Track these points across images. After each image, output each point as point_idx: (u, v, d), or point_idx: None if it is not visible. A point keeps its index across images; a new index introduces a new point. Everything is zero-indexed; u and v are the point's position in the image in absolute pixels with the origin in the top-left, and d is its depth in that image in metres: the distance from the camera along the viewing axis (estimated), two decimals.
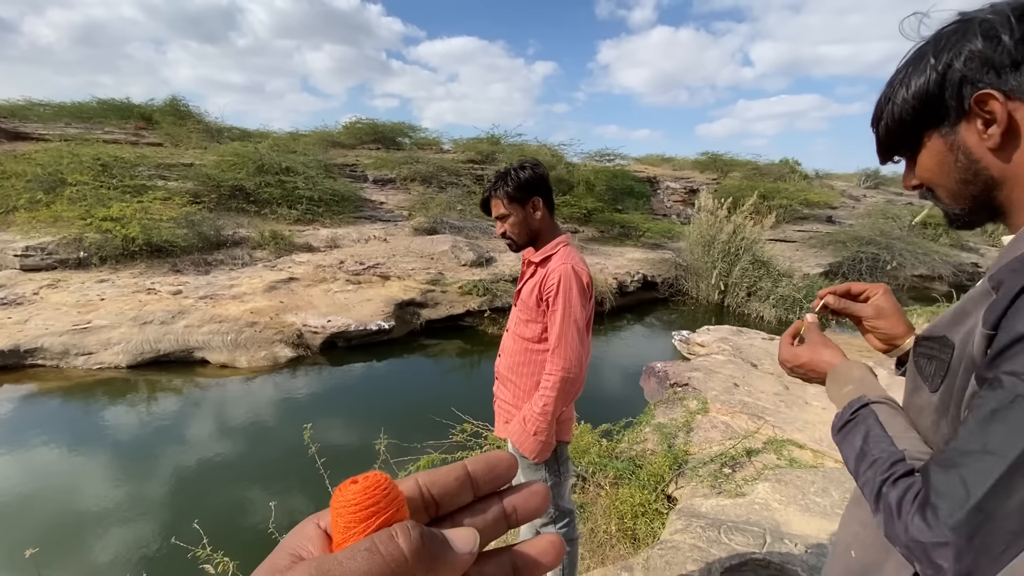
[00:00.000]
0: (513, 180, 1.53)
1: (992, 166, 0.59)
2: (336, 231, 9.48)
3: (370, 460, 3.56)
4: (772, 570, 1.67)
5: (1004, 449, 0.47)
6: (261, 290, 6.51)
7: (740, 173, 17.86)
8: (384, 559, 0.19)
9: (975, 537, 0.48)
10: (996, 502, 0.47)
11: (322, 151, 13.31)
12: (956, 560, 0.48)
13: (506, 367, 1.66)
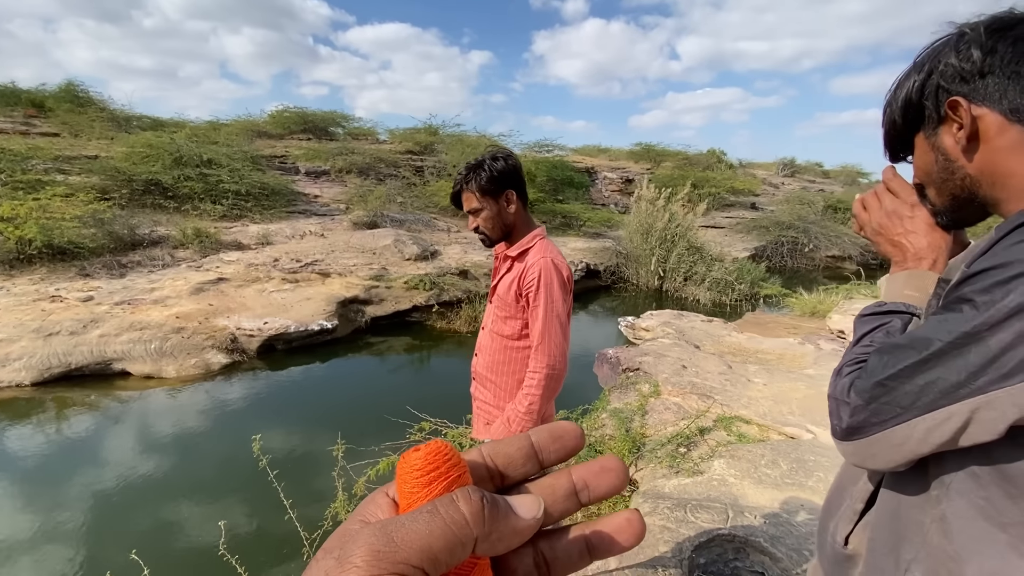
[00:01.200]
0: (486, 172, 1.47)
1: (966, 165, 0.65)
2: (268, 227, 8.95)
3: (324, 467, 3.39)
4: (737, 543, 1.75)
5: (922, 347, 0.56)
6: (187, 293, 6.02)
7: (672, 163, 18.62)
8: (445, 521, 0.19)
9: (872, 403, 0.59)
10: (898, 382, 0.57)
11: (247, 142, 12.48)
12: (850, 416, 0.61)
13: (485, 366, 1.61)
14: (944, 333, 0.54)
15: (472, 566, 0.21)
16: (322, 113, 15.38)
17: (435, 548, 0.18)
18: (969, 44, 0.62)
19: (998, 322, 0.51)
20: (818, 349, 4.62)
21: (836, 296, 7.14)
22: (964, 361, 0.52)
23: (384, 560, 0.18)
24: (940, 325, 0.56)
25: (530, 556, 0.24)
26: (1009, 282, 0.51)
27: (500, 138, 16.00)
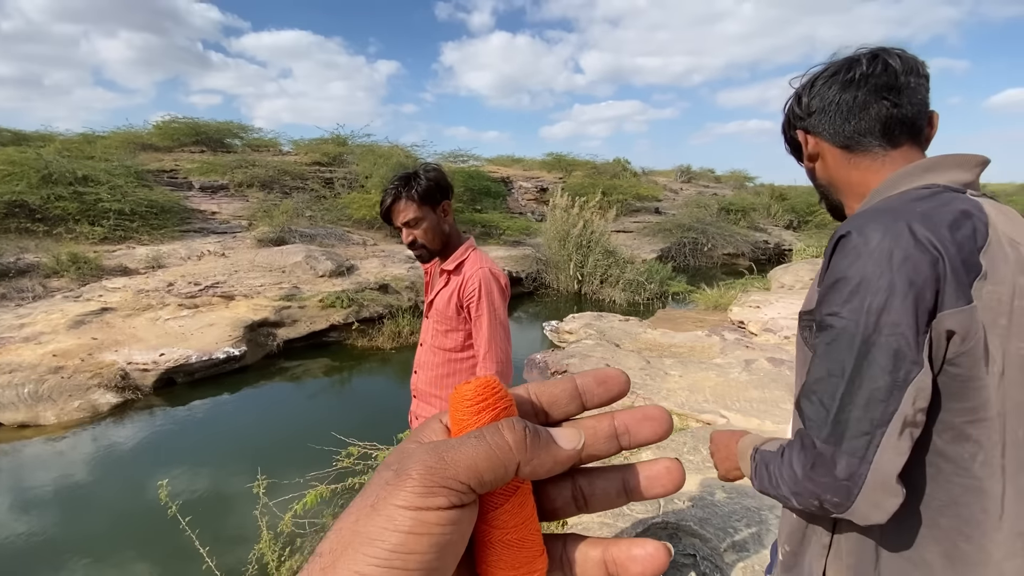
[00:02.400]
0: (424, 182, 1.45)
1: (820, 177, 0.86)
2: (158, 248, 8.12)
3: (241, 507, 3.13)
4: (670, 529, 1.86)
5: (841, 371, 0.63)
6: (65, 327, 5.29)
7: (582, 172, 19.44)
8: (490, 446, 0.21)
9: (842, 443, 0.62)
10: (848, 412, 0.62)
11: (129, 155, 11.27)
12: (836, 470, 0.62)
13: (427, 382, 1.58)
14: (844, 351, 0.63)
15: (515, 489, 0.23)
16: (216, 123, 14.27)
17: (480, 468, 0.20)
18: (801, 95, 0.83)
19: (874, 323, 0.61)
20: (723, 340, 5.03)
21: (735, 290, 7.83)
22: (877, 365, 0.61)
23: (436, 475, 0.20)
24: (833, 345, 0.64)
25: (568, 489, 0.25)
26: (858, 290, 0.62)
27: (414, 148, 15.80)
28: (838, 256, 0.66)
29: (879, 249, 0.62)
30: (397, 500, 0.20)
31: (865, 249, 0.63)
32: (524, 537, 0.23)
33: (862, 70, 0.75)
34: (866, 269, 0.62)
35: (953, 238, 0.62)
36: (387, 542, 0.19)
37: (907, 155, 0.76)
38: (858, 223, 0.66)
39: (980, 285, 0.61)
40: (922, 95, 0.75)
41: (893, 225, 0.63)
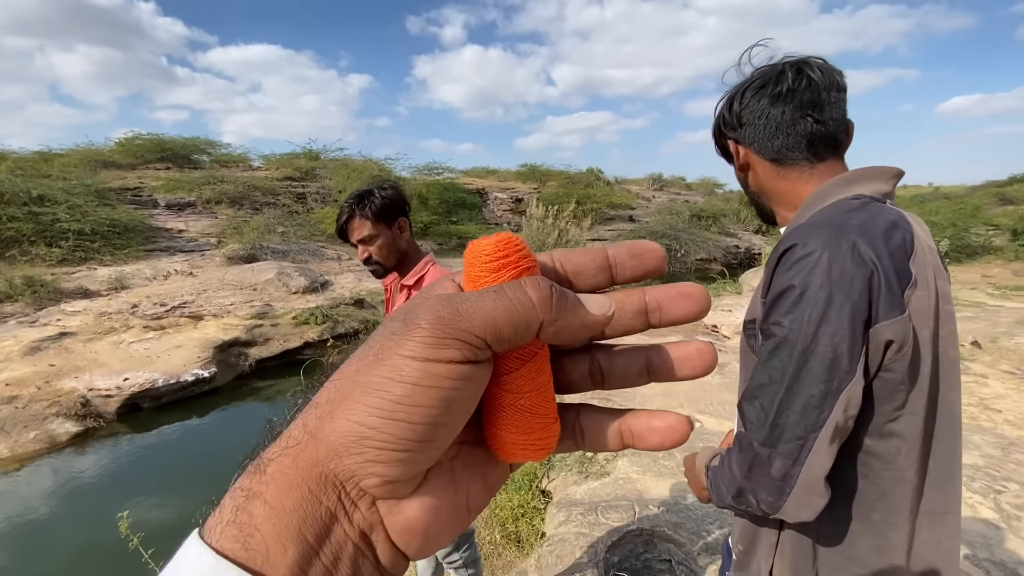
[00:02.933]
0: (379, 200, 1.45)
1: (750, 184, 0.89)
2: (122, 269, 7.86)
3: None
4: (645, 536, 1.86)
5: (781, 377, 0.66)
6: (19, 354, 5.06)
7: (556, 182, 19.62)
8: (511, 300, 0.19)
9: (778, 445, 0.65)
10: (785, 417, 0.65)
11: (90, 174, 10.94)
12: (772, 471, 0.66)
13: None
14: (784, 359, 0.66)
15: (533, 354, 0.21)
16: (182, 139, 13.99)
17: (499, 322, 0.19)
18: (732, 102, 0.85)
19: (813, 333, 0.64)
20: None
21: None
22: (813, 374, 0.64)
23: (448, 326, 0.18)
24: (775, 353, 0.67)
25: (586, 363, 0.24)
26: (800, 301, 0.66)
27: (388, 161, 15.74)
28: (782, 268, 0.69)
29: (820, 263, 0.66)
30: (404, 350, 0.18)
31: (807, 262, 0.66)
32: (538, 403, 0.22)
33: (788, 84, 0.79)
34: (808, 281, 0.66)
35: (887, 249, 0.66)
36: (391, 393, 0.18)
37: (831, 167, 0.81)
38: (801, 236, 0.69)
39: (911, 292, 0.65)
40: (841, 109, 0.81)
41: (834, 240, 0.67)
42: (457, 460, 0.22)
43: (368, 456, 0.18)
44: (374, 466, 0.18)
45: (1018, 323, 5.09)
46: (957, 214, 12.90)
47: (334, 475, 0.19)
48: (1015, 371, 3.94)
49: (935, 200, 18.05)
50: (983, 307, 6.06)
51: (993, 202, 16.93)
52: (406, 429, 0.18)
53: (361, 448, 0.18)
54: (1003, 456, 2.64)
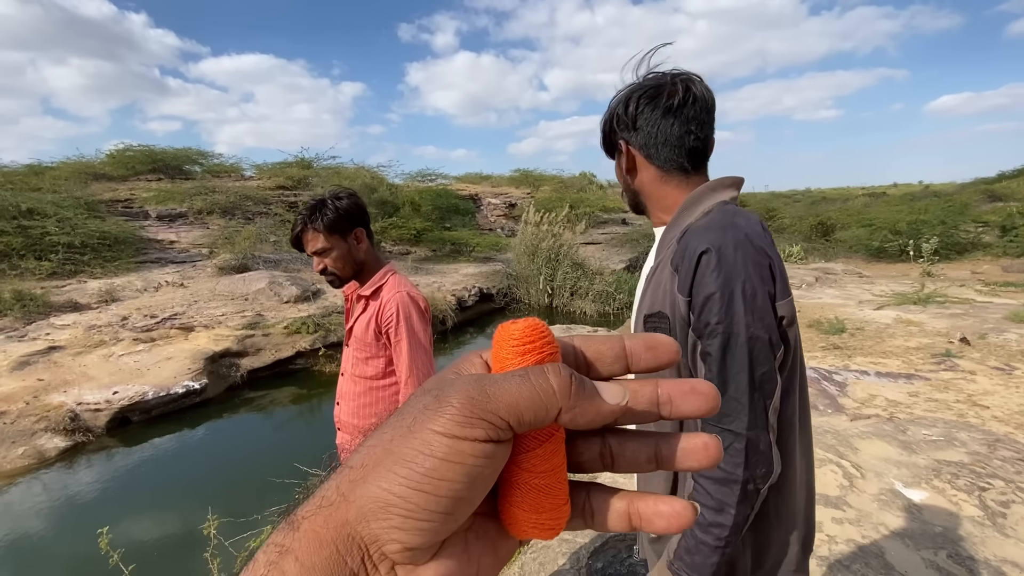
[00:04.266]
0: (332, 211, 1.43)
1: (631, 182, 0.96)
2: (112, 281, 7.82)
3: (197, 549, 2.98)
4: (628, 541, 1.85)
5: (740, 367, 0.75)
6: (7, 369, 5.01)
7: (549, 187, 19.69)
8: (533, 386, 0.21)
9: (758, 422, 0.74)
10: (755, 399, 0.75)
11: (80, 186, 10.88)
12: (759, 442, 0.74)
13: (350, 413, 1.54)
14: (739, 352, 0.75)
15: (549, 435, 0.23)
16: (174, 150, 13.93)
17: (521, 407, 0.21)
18: (628, 103, 0.90)
19: (750, 323, 0.75)
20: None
21: None
22: (763, 355, 0.75)
23: (476, 407, 0.20)
24: (728, 350, 0.76)
25: (597, 446, 0.25)
26: (732, 300, 0.75)
27: (380, 168, 15.75)
28: (704, 270, 0.78)
29: (737, 263, 0.76)
30: (435, 425, 0.20)
31: (726, 263, 0.76)
32: (552, 483, 0.23)
33: (679, 99, 0.88)
34: (732, 280, 0.76)
35: (771, 242, 0.80)
36: (420, 465, 0.20)
37: (700, 177, 0.92)
38: (711, 240, 0.78)
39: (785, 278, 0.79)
40: (712, 126, 0.92)
41: (738, 241, 0.77)
42: (471, 531, 0.24)
43: (393, 523, 0.20)
44: (397, 532, 0.20)
45: (1006, 319, 5.12)
46: (946, 211, 13.01)
47: (360, 537, 0.20)
48: (1003, 367, 3.96)
49: (925, 198, 18.18)
50: (972, 303, 6.10)
51: (982, 199, 17.08)
52: (430, 500, 0.20)
53: (388, 515, 0.20)
54: (989, 453, 2.65)
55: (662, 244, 0.91)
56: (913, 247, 10.49)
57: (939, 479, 2.42)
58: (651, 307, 0.86)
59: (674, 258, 0.82)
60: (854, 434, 2.93)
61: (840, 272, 9.79)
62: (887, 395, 3.54)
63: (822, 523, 2.13)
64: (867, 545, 1.98)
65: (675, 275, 0.82)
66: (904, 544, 1.97)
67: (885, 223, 13.15)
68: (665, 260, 0.86)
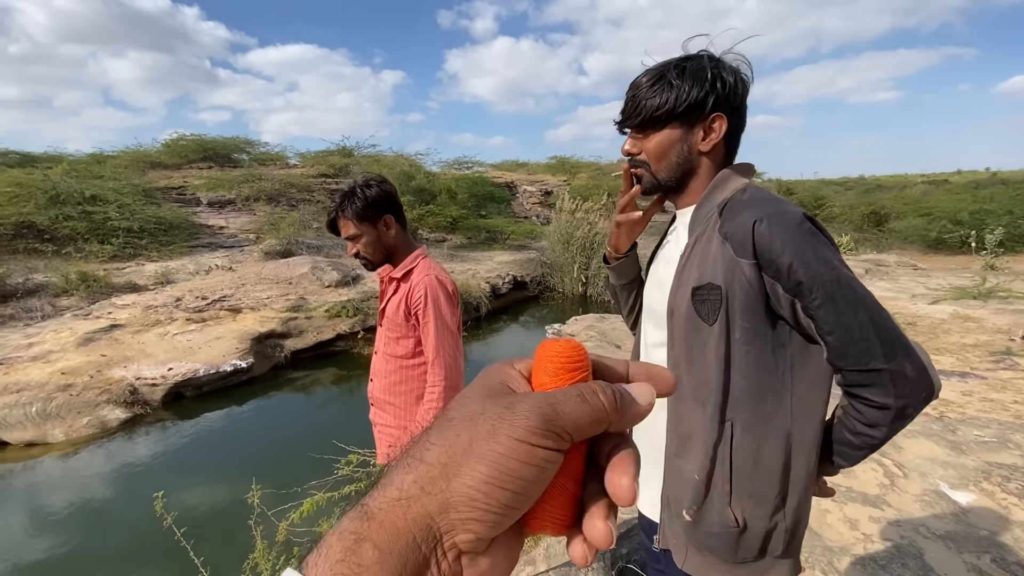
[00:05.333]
0: (360, 199, 1.48)
1: (699, 159, 0.92)
2: (167, 264, 8.28)
3: (243, 518, 3.17)
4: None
5: (857, 306, 0.76)
6: (73, 345, 5.41)
7: (586, 174, 19.42)
8: (592, 408, 0.25)
9: (897, 350, 0.76)
10: (884, 330, 0.76)
11: (138, 174, 11.51)
12: (904, 370, 0.75)
13: (381, 390, 1.60)
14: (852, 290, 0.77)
15: (585, 442, 0.27)
16: (223, 139, 14.52)
17: (583, 424, 0.25)
18: (737, 82, 0.88)
19: (843, 267, 0.78)
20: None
21: None
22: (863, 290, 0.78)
23: (551, 422, 0.24)
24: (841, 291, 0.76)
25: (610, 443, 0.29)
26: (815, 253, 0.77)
27: (418, 156, 15.94)
28: (773, 233, 0.78)
29: (803, 221, 0.79)
30: (516, 434, 0.23)
31: (792, 222, 0.79)
32: (577, 484, 0.27)
33: (747, 84, 0.91)
34: (805, 235, 0.78)
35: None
36: (504, 466, 0.23)
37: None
38: (770, 209, 0.81)
39: None
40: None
41: (793, 208, 0.82)
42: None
43: (473, 515, 0.23)
44: (474, 524, 0.23)
45: None
46: (1014, 200, 12.09)
47: (437, 527, 0.23)
48: None
49: (991, 186, 16.93)
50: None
51: None
52: (508, 496, 0.23)
53: (470, 508, 0.23)
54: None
55: (695, 221, 0.90)
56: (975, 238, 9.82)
57: (988, 481, 2.30)
58: (699, 280, 0.85)
59: (722, 229, 0.83)
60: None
61: (893, 264, 9.29)
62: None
63: (858, 521, 2.07)
64: (905, 546, 1.91)
65: (725, 243, 0.82)
66: (946, 546, 1.89)
67: (945, 212, 12.35)
68: (707, 233, 0.86)
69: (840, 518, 2.11)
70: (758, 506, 0.85)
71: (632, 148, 0.96)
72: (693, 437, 0.88)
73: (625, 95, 0.94)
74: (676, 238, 0.99)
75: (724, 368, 0.83)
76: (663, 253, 1.05)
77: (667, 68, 0.89)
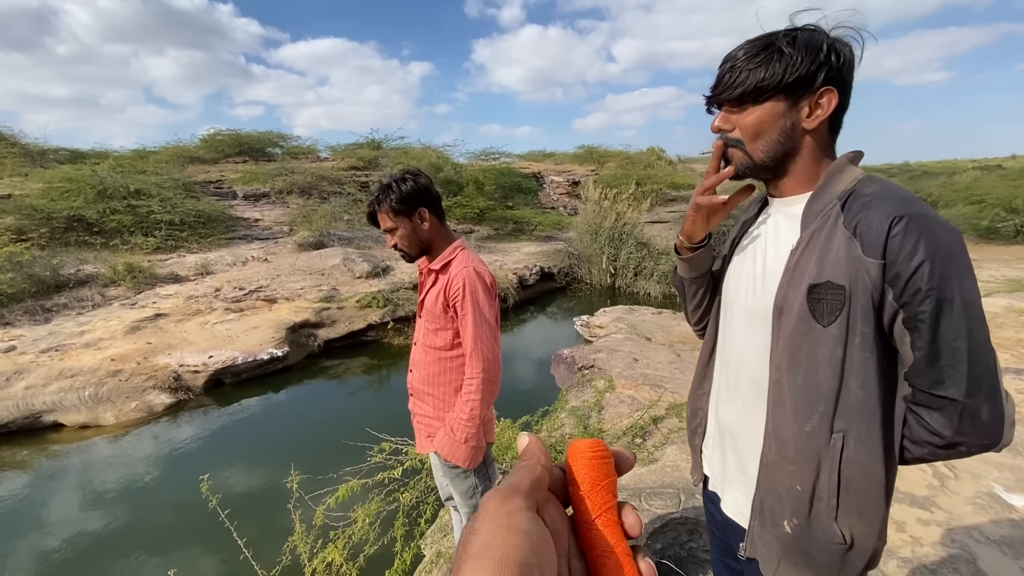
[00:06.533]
0: (395, 193, 1.50)
1: (800, 138, 0.83)
2: (206, 256, 8.56)
3: (281, 500, 3.28)
4: (689, 525, 1.83)
5: (960, 332, 0.71)
6: (122, 333, 5.68)
7: (615, 163, 19.13)
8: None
9: (981, 391, 0.71)
10: (978, 368, 0.71)
11: (178, 169, 11.92)
12: (979, 412, 0.71)
13: (421, 380, 1.62)
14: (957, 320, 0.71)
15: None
16: (257, 134, 14.89)
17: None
18: (851, 54, 0.80)
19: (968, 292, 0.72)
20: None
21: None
22: (984, 323, 0.73)
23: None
24: (945, 317, 0.72)
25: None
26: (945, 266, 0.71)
27: (446, 148, 16.01)
28: (906, 235, 0.72)
29: (940, 228, 0.73)
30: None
31: (931, 229, 0.72)
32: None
33: (855, 60, 0.81)
34: (941, 245, 0.72)
35: None
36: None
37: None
38: (904, 208, 0.74)
39: None
40: None
41: (931, 210, 0.75)
42: None
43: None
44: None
45: None
46: None
47: None
48: None
49: None
50: None
51: None
52: None
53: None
54: None
55: (810, 213, 0.82)
56: None
57: None
58: (817, 277, 0.79)
59: (850, 224, 0.76)
60: None
61: None
62: None
63: (905, 523, 1.99)
64: (956, 550, 1.83)
65: (854, 240, 0.75)
66: (1001, 552, 1.80)
67: (999, 200, 11.66)
68: (827, 227, 0.79)
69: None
70: (868, 524, 0.80)
71: (724, 124, 0.87)
72: (797, 445, 0.82)
73: (719, 68, 0.85)
74: (772, 229, 0.92)
75: (839, 374, 0.78)
76: (753, 245, 0.96)
77: (775, 37, 0.81)
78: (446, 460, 1.54)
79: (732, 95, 0.83)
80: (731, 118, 0.86)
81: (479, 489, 1.60)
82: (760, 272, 0.90)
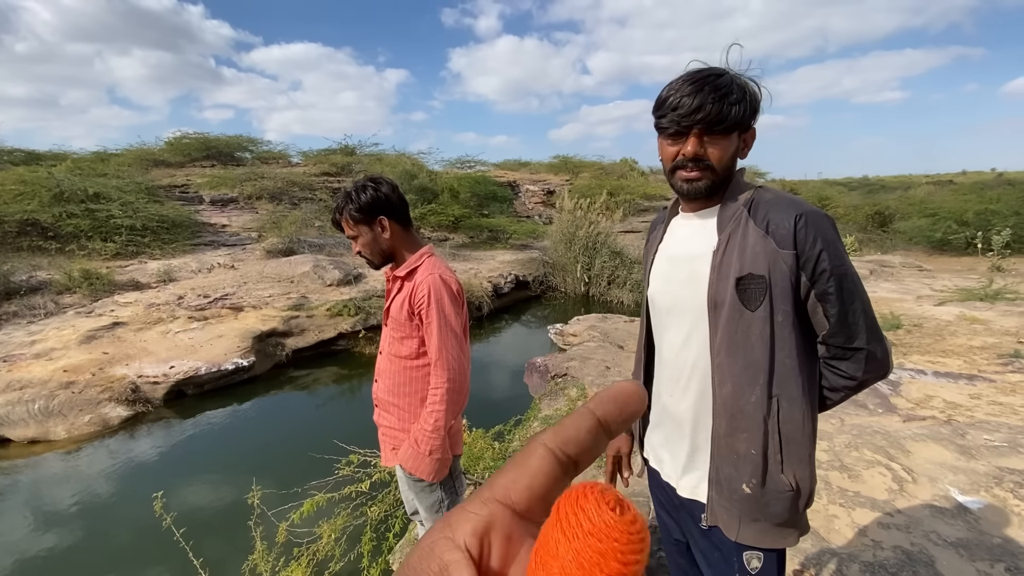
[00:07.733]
0: (354, 203, 1.49)
1: (731, 161, 0.99)
2: (169, 262, 8.26)
3: (243, 517, 3.15)
4: (659, 534, 1.82)
5: (855, 297, 0.93)
6: (76, 342, 5.41)
7: (589, 173, 19.37)
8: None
9: (876, 336, 0.95)
10: (872, 320, 0.95)
11: (142, 172, 11.52)
12: (875, 353, 0.94)
13: (385, 391, 1.58)
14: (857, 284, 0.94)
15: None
16: (226, 138, 14.53)
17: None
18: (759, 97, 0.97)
19: (851, 266, 0.94)
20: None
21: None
22: (862, 288, 0.95)
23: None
24: (854, 283, 0.93)
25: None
26: (837, 250, 0.92)
27: (420, 155, 15.93)
28: (808, 229, 0.92)
29: (827, 222, 0.94)
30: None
31: (823, 223, 0.93)
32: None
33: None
34: (830, 233, 0.93)
35: None
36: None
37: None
38: (802, 208, 0.94)
39: None
40: None
41: (817, 208, 0.96)
42: None
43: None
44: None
45: None
46: (1021, 201, 12.00)
47: None
48: None
49: (998, 187, 16.82)
50: None
51: None
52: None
53: None
54: None
55: (724, 220, 0.99)
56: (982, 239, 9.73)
57: (1000, 487, 2.26)
58: (741, 271, 0.94)
59: (760, 224, 0.94)
60: (907, 436, 2.77)
61: (897, 265, 9.23)
62: (945, 396, 3.33)
63: (867, 528, 2.03)
64: (916, 553, 1.88)
65: (767, 236, 0.93)
66: (958, 554, 1.86)
67: (951, 213, 12.25)
68: (740, 229, 0.96)
69: (848, 523, 2.07)
70: (805, 468, 0.96)
71: (699, 150, 0.97)
72: (745, 415, 0.95)
73: (697, 96, 0.93)
74: (686, 237, 1.07)
75: (770, 348, 0.93)
76: (674, 251, 1.10)
77: (732, 79, 0.95)
78: (410, 473, 1.50)
79: (721, 127, 0.94)
80: (702, 146, 0.97)
81: (445, 503, 1.56)
82: (687, 274, 1.03)
